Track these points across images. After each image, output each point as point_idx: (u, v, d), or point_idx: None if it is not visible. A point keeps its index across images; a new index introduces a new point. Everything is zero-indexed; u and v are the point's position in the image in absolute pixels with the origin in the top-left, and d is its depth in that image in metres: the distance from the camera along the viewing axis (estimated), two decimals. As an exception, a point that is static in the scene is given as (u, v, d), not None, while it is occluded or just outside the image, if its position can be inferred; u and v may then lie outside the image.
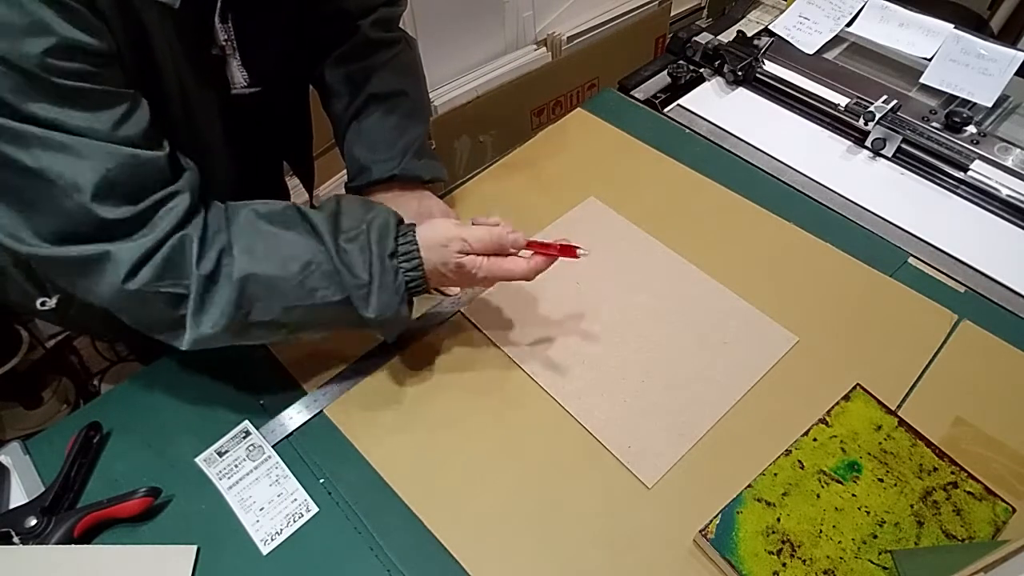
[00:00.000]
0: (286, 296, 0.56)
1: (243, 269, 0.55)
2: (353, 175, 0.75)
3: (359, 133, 0.74)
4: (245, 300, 0.55)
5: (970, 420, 0.64)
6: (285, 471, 0.62)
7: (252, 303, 0.55)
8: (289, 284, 0.56)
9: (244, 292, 0.55)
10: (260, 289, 0.55)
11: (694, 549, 0.57)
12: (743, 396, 0.66)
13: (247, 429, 0.62)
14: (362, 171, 0.74)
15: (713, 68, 1.05)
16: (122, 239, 0.51)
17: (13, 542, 0.57)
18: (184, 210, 0.53)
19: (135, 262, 0.51)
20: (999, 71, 0.94)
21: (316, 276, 0.56)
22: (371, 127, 0.74)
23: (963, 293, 0.76)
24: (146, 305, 0.53)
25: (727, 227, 0.82)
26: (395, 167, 0.73)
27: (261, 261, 0.55)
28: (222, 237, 0.55)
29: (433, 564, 0.57)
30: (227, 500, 0.60)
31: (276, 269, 0.55)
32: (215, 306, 0.54)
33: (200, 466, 0.62)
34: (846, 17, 1.07)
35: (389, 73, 0.75)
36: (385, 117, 0.74)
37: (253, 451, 0.62)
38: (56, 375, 1.41)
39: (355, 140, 0.74)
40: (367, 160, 0.73)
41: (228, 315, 0.54)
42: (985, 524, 0.56)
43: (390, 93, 0.74)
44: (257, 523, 0.59)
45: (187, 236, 0.53)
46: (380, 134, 0.74)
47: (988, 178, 0.86)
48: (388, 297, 0.58)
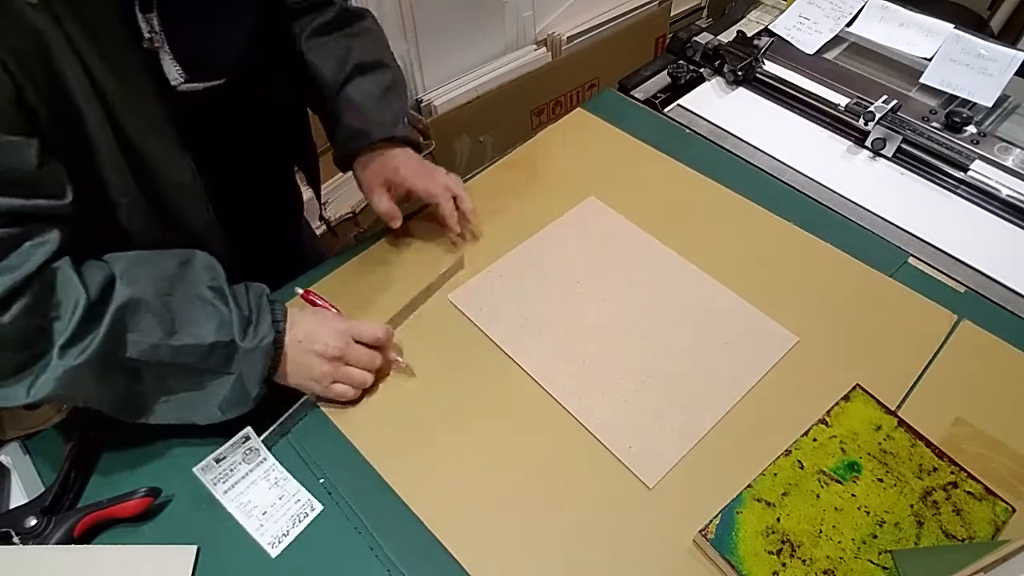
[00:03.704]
0: (161, 329, 0.55)
1: (125, 294, 0.53)
2: (346, 141, 0.76)
3: (348, 101, 0.75)
4: (122, 327, 0.53)
5: (970, 420, 0.64)
6: (284, 473, 0.62)
7: (127, 332, 0.54)
8: (169, 318, 0.55)
9: (122, 317, 0.53)
10: (137, 318, 0.54)
11: (694, 549, 0.57)
12: (744, 396, 0.66)
13: (247, 435, 0.61)
14: (359, 135, 0.75)
15: (713, 68, 1.05)
16: None
17: (13, 542, 0.57)
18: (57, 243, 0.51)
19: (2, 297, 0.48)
20: (999, 71, 0.94)
21: (200, 312, 0.57)
22: (362, 95, 0.75)
23: (963, 293, 0.76)
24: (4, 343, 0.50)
25: (727, 227, 0.82)
26: (390, 130, 0.75)
27: (143, 288, 0.55)
28: (104, 267, 0.54)
29: (433, 564, 0.57)
30: (225, 506, 0.60)
31: (158, 302, 0.55)
32: (90, 335, 0.52)
33: (197, 475, 0.60)
34: (846, 17, 1.07)
35: (369, 44, 0.77)
36: (371, 86, 0.76)
37: (249, 455, 0.62)
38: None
39: (345, 108, 0.75)
40: (363, 124, 0.75)
41: (102, 341, 0.52)
42: (985, 524, 0.56)
43: (373, 64, 0.76)
44: (261, 527, 0.58)
45: (60, 269, 0.51)
46: (371, 102, 0.75)
47: (988, 178, 0.86)
48: (265, 330, 0.59)
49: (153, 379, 0.57)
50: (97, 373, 0.53)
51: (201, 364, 0.57)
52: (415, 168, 0.77)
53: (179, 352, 0.56)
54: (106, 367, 0.53)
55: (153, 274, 0.56)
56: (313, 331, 0.63)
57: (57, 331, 0.51)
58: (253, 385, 0.59)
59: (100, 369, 0.53)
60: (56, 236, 0.52)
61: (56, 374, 0.51)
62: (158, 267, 0.57)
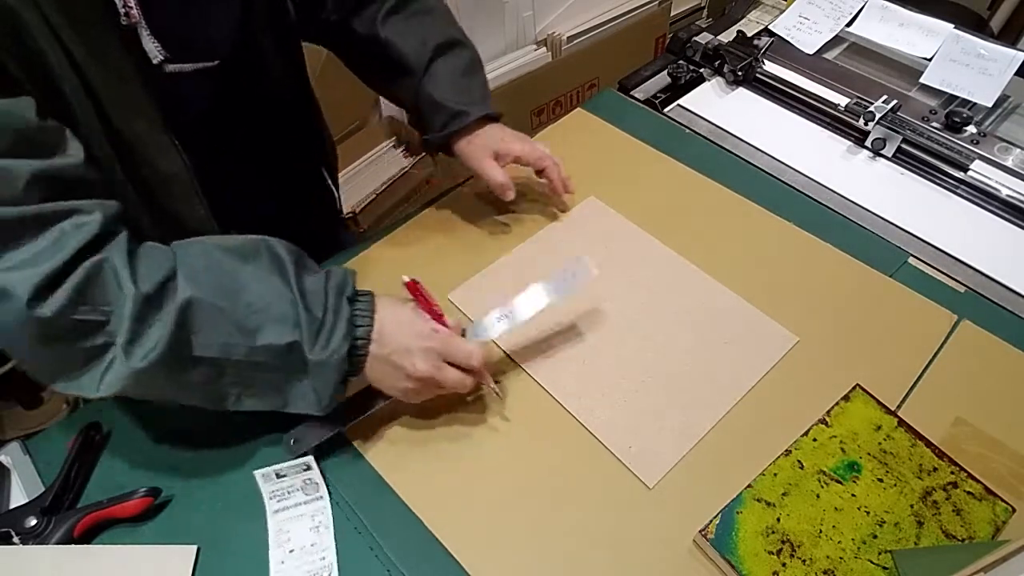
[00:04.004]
0: (228, 333, 0.52)
1: (186, 293, 0.50)
2: (445, 122, 0.76)
3: (437, 83, 0.75)
4: (186, 329, 0.50)
5: (970, 420, 0.64)
6: (329, 521, 0.59)
7: (192, 334, 0.51)
8: (234, 318, 0.52)
9: (186, 320, 0.50)
10: (202, 318, 0.51)
11: (694, 549, 0.57)
12: (744, 396, 0.66)
13: (309, 464, 0.59)
14: (458, 115, 0.75)
15: (713, 68, 1.05)
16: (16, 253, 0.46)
17: (13, 542, 0.57)
18: (96, 228, 0.49)
19: (36, 290, 0.45)
20: (999, 71, 0.94)
21: (266, 316, 0.53)
22: (450, 75, 0.76)
23: (963, 293, 0.76)
24: (57, 339, 0.48)
25: (727, 227, 0.82)
26: (487, 108, 0.77)
27: (205, 288, 0.51)
28: (164, 262, 0.52)
29: (433, 564, 0.57)
30: (268, 522, 0.59)
31: (222, 299, 0.52)
32: (153, 333, 0.49)
33: (257, 479, 0.59)
34: (846, 17, 1.07)
35: (442, 22, 0.78)
36: (456, 65, 0.76)
37: (309, 486, 0.60)
38: (56, 375, 1.41)
39: (436, 90, 0.75)
40: (460, 104, 0.75)
41: (167, 344, 0.49)
42: (985, 524, 0.56)
43: (452, 42, 0.77)
44: (281, 564, 0.57)
45: (106, 260, 0.49)
46: (461, 81, 0.76)
47: (988, 178, 0.86)
48: (341, 337, 0.55)
49: (233, 374, 0.54)
50: (168, 373, 0.51)
51: (280, 365, 0.54)
52: (516, 136, 0.79)
53: (253, 352, 0.53)
54: (177, 367, 0.51)
55: (218, 268, 0.53)
56: (403, 346, 0.58)
57: (114, 328, 0.49)
58: (324, 396, 0.56)
59: (170, 369, 0.51)
60: (97, 219, 0.49)
61: (122, 374, 0.49)
62: (224, 256, 0.54)
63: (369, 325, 0.58)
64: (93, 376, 0.50)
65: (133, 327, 0.49)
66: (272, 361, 0.54)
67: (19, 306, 0.45)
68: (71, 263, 0.47)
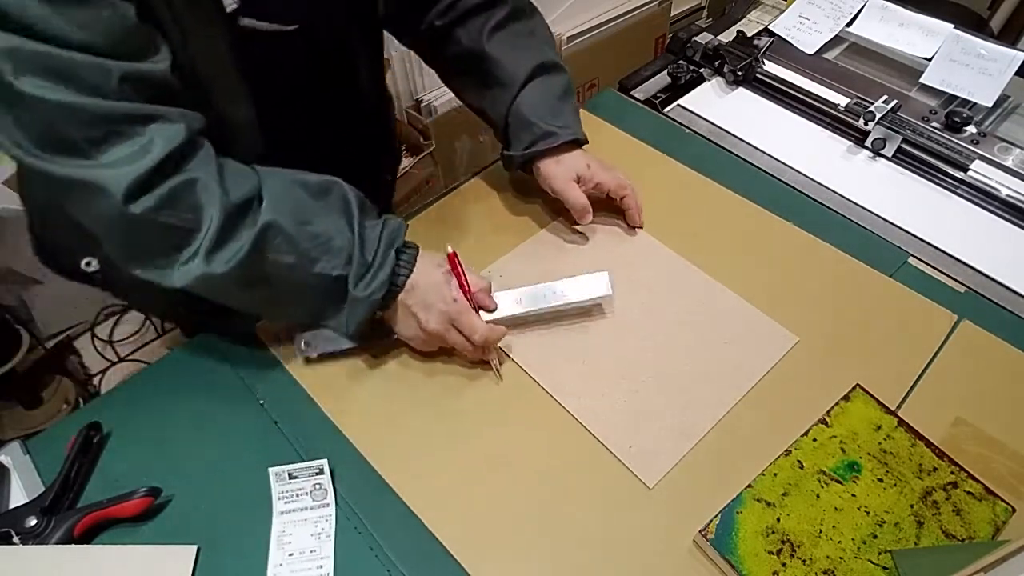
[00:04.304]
0: (294, 255, 0.58)
1: (270, 215, 0.57)
2: (535, 139, 0.77)
3: (532, 102, 0.77)
4: (263, 246, 0.57)
5: (970, 420, 0.64)
6: (331, 531, 0.59)
7: (267, 252, 0.57)
8: (301, 246, 0.58)
9: (264, 239, 0.56)
10: (278, 241, 0.57)
11: (694, 549, 0.57)
12: (744, 396, 0.66)
13: (322, 467, 0.60)
14: (548, 135, 0.77)
15: (713, 68, 1.05)
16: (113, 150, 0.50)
17: (13, 542, 0.57)
18: (182, 136, 0.53)
19: (131, 187, 0.50)
20: (999, 71, 0.94)
21: (327, 248, 0.60)
22: (543, 96, 0.78)
23: (963, 293, 0.76)
24: (147, 235, 0.54)
25: (727, 227, 0.82)
26: (578, 132, 0.79)
27: (285, 215, 0.58)
28: (251, 178, 0.58)
29: (433, 564, 0.57)
30: (272, 522, 0.59)
31: (295, 228, 0.58)
32: (235, 243, 0.55)
33: (270, 477, 0.60)
34: (846, 17, 1.07)
35: (543, 44, 0.80)
36: (553, 87, 0.79)
37: (317, 492, 0.60)
38: (56, 375, 1.42)
39: (528, 108, 0.77)
40: (550, 126, 0.77)
41: (246, 254, 0.55)
42: (985, 524, 0.56)
43: (552, 64, 0.79)
44: (279, 566, 0.57)
45: (195, 176, 0.53)
46: (555, 103, 0.78)
47: (988, 178, 0.86)
48: (381, 282, 0.62)
49: (287, 292, 0.61)
50: (236, 282, 0.57)
51: (326, 292, 0.62)
52: (601, 164, 0.80)
53: (310, 277, 0.60)
54: (245, 279, 0.58)
55: (295, 198, 0.59)
56: (424, 302, 0.65)
57: (200, 233, 0.54)
58: (352, 325, 0.63)
59: (239, 280, 0.57)
60: (182, 128, 0.53)
61: (197, 274, 0.55)
62: (300, 191, 0.60)
63: (407, 276, 0.65)
64: (171, 270, 0.56)
65: (217, 236, 0.54)
66: (321, 287, 0.61)
67: (115, 202, 0.50)
68: (161, 167, 0.52)
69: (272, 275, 0.59)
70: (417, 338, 0.67)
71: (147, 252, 0.56)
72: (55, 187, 0.52)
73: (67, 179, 0.50)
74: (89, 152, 0.50)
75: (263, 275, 0.58)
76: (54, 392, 1.39)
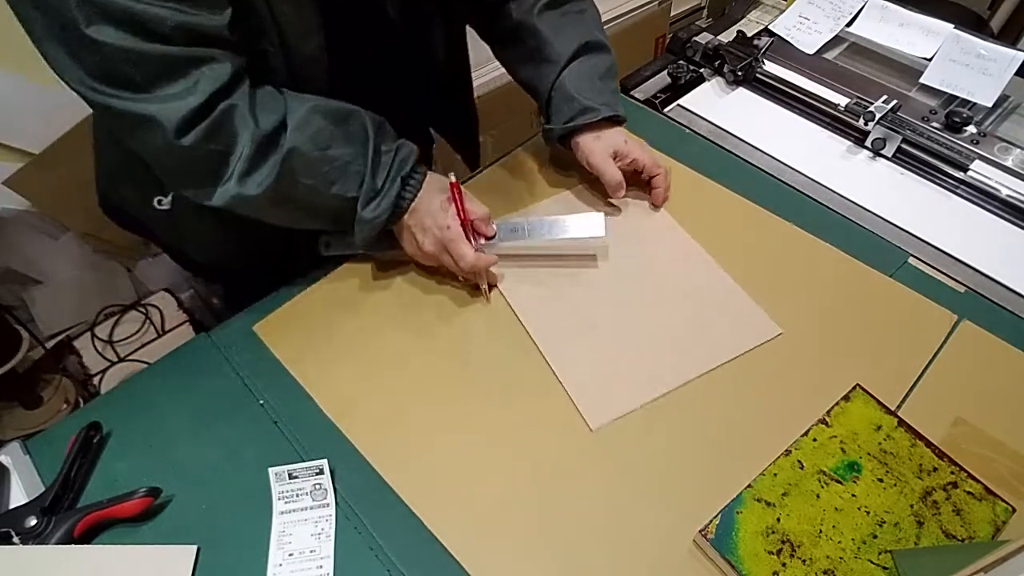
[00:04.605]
0: (314, 177, 0.64)
1: (293, 141, 0.62)
2: (574, 113, 0.80)
3: (577, 77, 0.80)
4: (288, 169, 0.62)
5: (970, 420, 0.64)
6: (331, 531, 0.59)
7: (292, 175, 0.63)
8: (321, 169, 0.64)
9: (288, 162, 0.62)
10: (300, 165, 0.63)
11: (694, 549, 0.57)
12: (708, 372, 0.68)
13: (322, 467, 0.60)
14: (588, 110, 0.80)
15: (713, 68, 1.05)
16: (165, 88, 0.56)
17: (13, 542, 0.57)
18: (227, 77, 0.58)
19: (180, 122, 0.56)
20: (999, 71, 0.94)
21: (343, 172, 0.66)
22: (588, 73, 0.81)
23: (963, 293, 0.76)
24: (192, 162, 0.60)
25: (726, 227, 0.82)
26: (618, 109, 0.81)
27: (307, 142, 0.63)
28: (279, 108, 0.63)
29: (433, 564, 0.57)
30: (272, 522, 0.59)
31: (317, 153, 0.64)
32: (265, 168, 0.62)
33: (269, 476, 0.60)
34: (846, 17, 1.07)
35: (592, 24, 0.84)
36: (597, 66, 0.82)
37: (317, 492, 0.61)
38: (56, 375, 1.42)
39: (573, 83, 0.80)
40: (592, 101, 0.80)
41: (274, 178, 0.62)
42: (985, 524, 0.56)
43: (599, 44, 0.82)
44: (279, 566, 0.57)
45: (234, 105, 0.59)
46: (598, 81, 0.81)
47: (988, 178, 0.86)
48: (386, 207, 0.68)
49: (308, 209, 0.68)
50: (266, 202, 0.64)
51: (338, 210, 0.68)
52: (636, 142, 0.83)
53: (327, 197, 0.66)
54: (274, 198, 0.64)
55: (319, 125, 0.64)
56: (422, 224, 0.71)
57: (235, 158, 0.60)
58: (360, 240, 0.70)
59: (269, 199, 0.63)
60: (228, 69, 0.58)
61: (233, 194, 0.61)
62: (321, 118, 0.65)
63: (412, 199, 0.71)
64: (210, 190, 0.62)
65: (250, 162, 0.61)
66: (336, 205, 0.67)
67: (167, 135, 0.57)
68: (207, 104, 0.57)
69: (296, 195, 0.65)
70: (416, 254, 0.74)
71: (192, 175, 0.62)
72: (115, 120, 0.59)
73: (126, 112, 0.56)
74: (146, 87, 0.55)
75: (289, 195, 0.64)
76: (54, 392, 1.39)
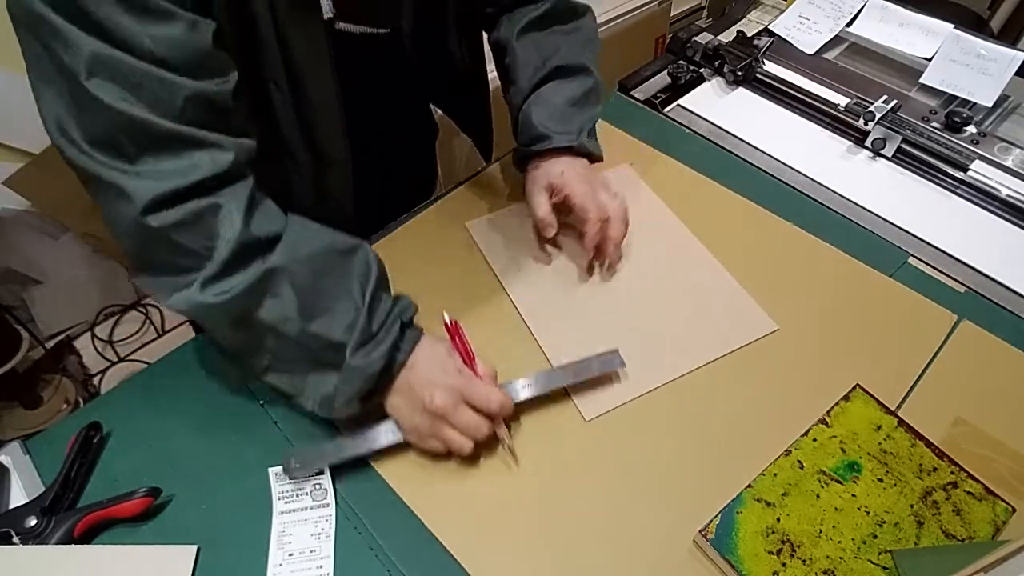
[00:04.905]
0: (294, 307, 0.55)
1: (282, 259, 0.55)
2: (529, 140, 0.77)
3: (541, 101, 0.77)
4: (261, 289, 0.55)
5: (970, 420, 0.64)
6: (331, 531, 0.59)
7: (264, 296, 0.55)
8: (305, 298, 0.56)
9: (265, 282, 0.54)
10: (279, 287, 0.55)
11: (694, 549, 0.57)
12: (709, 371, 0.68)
13: (322, 467, 0.59)
14: (541, 138, 0.76)
15: (713, 68, 1.05)
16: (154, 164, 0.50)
17: (13, 542, 0.57)
18: (223, 169, 0.53)
19: (152, 201, 0.50)
20: (999, 71, 0.94)
21: (332, 308, 0.57)
22: (553, 98, 0.77)
23: (963, 293, 0.76)
24: (157, 249, 0.53)
25: (726, 227, 0.82)
26: (573, 140, 0.75)
27: (297, 261, 0.56)
28: (278, 221, 0.57)
29: (433, 564, 0.57)
30: (272, 522, 0.59)
31: (304, 276, 0.56)
32: (233, 280, 0.53)
33: (269, 476, 0.60)
34: (846, 17, 1.07)
35: (576, 46, 0.78)
36: (568, 91, 0.77)
37: (317, 492, 0.60)
38: (56, 375, 1.42)
39: (536, 107, 0.77)
40: (547, 129, 0.75)
41: (239, 294, 0.53)
42: (985, 524, 0.56)
43: (576, 68, 0.77)
44: (279, 566, 0.57)
45: (219, 204, 0.53)
46: (563, 107, 0.76)
47: (988, 178, 0.86)
48: (377, 357, 0.58)
49: (273, 345, 0.58)
50: (227, 318, 0.56)
51: (319, 354, 0.57)
52: (580, 175, 0.75)
53: (304, 334, 0.56)
54: (236, 317, 0.55)
55: (315, 251, 0.57)
56: (428, 377, 0.59)
57: (206, 262, 0.53)
58: (341, 401, 0.58)
59: (231, 316, 0.55)
60: (229, 158, 0.53)
61: (190, 301, 0.53)
62: (323, 244, 0.58)
63: (408, 353, 0.60)
64: (169, 289, 0.54)
65: (220, 268, 0.53)
66: (315, 347, 0.57)
67: (134, 210, 0.50)
68: (192, 190, 0.51)
69: (266, 323, 0.56)
70: (419, 427, 0.60)
71: (154, 264, 0.55)
72: (84, 178, 0.52)
73: (98, 176, 0.50)
74: (132, 158, 0.50)
75: (255, 320, 0.56)
76: (54, 392, 1.39)
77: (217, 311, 0.54)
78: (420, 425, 0.60)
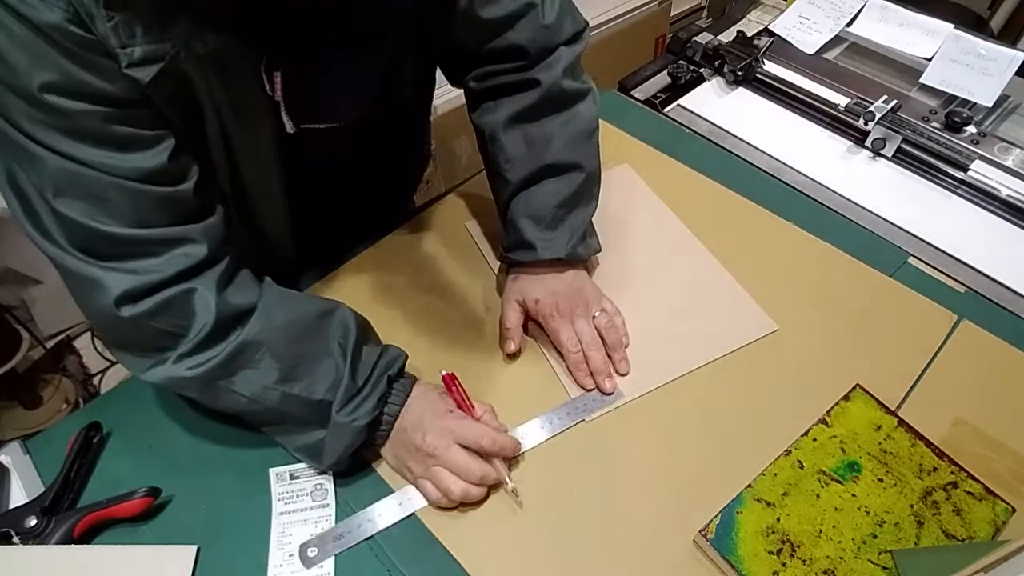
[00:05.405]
0: (272, 376, 0.56)
1: (252, 333, 0.55)
2: (514, 246, 0.72)
3: (528, 204, 0.70)
4: (236, 362, 0.55)
5: (970, 420, 0.64)
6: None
7: (240, 368, 0.55)
8: (283, 364, 0.56)
9: (240, 354, 0.55)
10: (254, 358, 0.55)
11: (694, 549, 0.57)
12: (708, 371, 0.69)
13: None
14: (527, 247, 0.70)
15: (713, 68, 1.05)
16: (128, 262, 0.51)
17: (13, 542, 0.57)
18: (197, 260, 0.53)
19: (124, 294, 0.51)
20: (999, 71, 0.94)
21: (311, 369, 0.57)
22: (542, 200, 0.70)
23: (963, 293, 0.76)
24: (131, 332, 0.54)
25: (726, 227, 0.82)
26: (561, 251, 0.70)
27: (273, 331, 0.56)
28: (250, 295, 0.57)
29: (433, 564, 0.57)
30: (272, 523, 0.59)
31: (280, 344, 0.56)
32: (207, 354, 0.54)
33: (270, 477, 0.60)
34: (846, 17, 1.07)
35: (569, 140, 0.70)
36: (557, 191, 0.70)
37: (318, 493, 0.60)
38: (56, 375, 1.42)
39: (523, 211, 0.70)
40: (534, 238, 0.69)
41: (214, 367, 0.54)
42: (985, 524, 0.56)
43: (567, 165, 0.70)
44: (279, 567, 0.57)
45: (193, 289, 0.53)
46: (549, 210, 0.70)
47: (988, 178, 0.86)
48: (364, 412, 0.57)
49: (257, 411, 0.58)
50: (204, 388, 0.56)
51: (304, 414, 0.58)
52: (557, 305, 0.69)
53: (286, 399, 0.56)
54: (212, 389, 0.56)
55: (290, 318, 0.57)
56: (419, 421, 0.59)
57: (182, 340, 0.53)
58: (330, 455, 0.58)
59: (207, 387, 0.56)
60: (203, 250, 0.54)
61: (166, 375, 0.54)
62: (298, 311, 0.58)
63: (399, 406, 0.60)
64: (145, 364, 0.55)
65: (195, 345, 0.53)
66: (298, 409, 0.57)
67: (108, 301, 0.51)
68: (167, 283, 0.52)
69: (247, 396, 0.56)
70: (412, 470, 0.60)
71: (129, 346, 0.56)
72: (59, 269, 0.52)
73: (73, 271, 0.51)
74: (107, 258, 0.51)
75: (231, 388, 0.56)
76: (54, 392, 1.39)
77: (194, 383, 0.55)
78: (413, 467, 0.60)
